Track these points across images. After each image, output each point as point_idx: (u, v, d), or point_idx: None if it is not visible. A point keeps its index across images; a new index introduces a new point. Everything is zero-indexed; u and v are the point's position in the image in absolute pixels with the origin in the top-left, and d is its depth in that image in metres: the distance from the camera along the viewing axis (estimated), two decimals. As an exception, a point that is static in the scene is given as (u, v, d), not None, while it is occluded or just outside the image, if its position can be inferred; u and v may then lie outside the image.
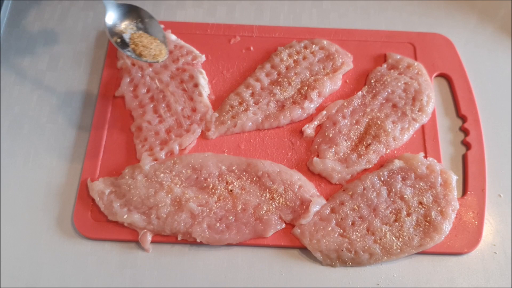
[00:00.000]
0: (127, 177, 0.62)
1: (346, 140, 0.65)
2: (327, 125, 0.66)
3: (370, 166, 0.64)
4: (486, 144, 0.66)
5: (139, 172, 0.62)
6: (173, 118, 0.66)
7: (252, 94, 0.68)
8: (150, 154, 0.63)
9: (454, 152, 0.66)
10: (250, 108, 0.67)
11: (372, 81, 0.70)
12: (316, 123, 0.67)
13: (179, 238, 0.59)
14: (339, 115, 0.67)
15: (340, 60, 0.71)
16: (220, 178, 0.62)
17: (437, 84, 0.72)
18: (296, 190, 0.61)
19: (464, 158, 0.65)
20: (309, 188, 0.61)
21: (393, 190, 0.61)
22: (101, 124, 0.66)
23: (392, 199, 0.60)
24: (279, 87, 0.68)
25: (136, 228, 0.59)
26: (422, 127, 0.67)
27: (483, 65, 0.74)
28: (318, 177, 0.64)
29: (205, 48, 0.73)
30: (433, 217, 0.59)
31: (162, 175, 0.61)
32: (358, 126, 0.66)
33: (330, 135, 0.65)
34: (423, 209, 0.60)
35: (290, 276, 0.58)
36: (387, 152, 0.65)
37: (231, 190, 0.61)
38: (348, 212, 0.60)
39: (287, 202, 0.60)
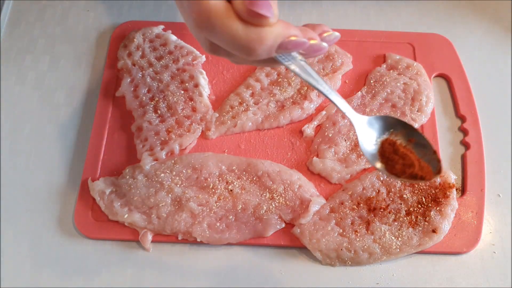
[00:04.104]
0: (127, 176, 0.62)
1: (345, 140, 0.65)
2: (327, 125, 0.67)
3: (370, 166, 0.64)
4: (485, 144, 0.66)
5: (140, 172, 0.62)
6: (174, 118, 0.66)
7: (252, 94, 0.68)
8: (151, 154, 0.63)
9: (453, 152, 0.66)
10: (250, 108, 0.67)
11: (372, 81, 0.70)
12: (315, 123, 0.67)
13: (180, 237, 0.59)
14: (338, 115, 0.67)
15: (340, 60, 0.71)
16: (220, 178, 0.62)
17: (436, 84, 0.72)
18: (296, 189, 0.61)
19: (463, 158, 0.65)
20: (309, 188, 0.62)
21: (392, 189, 0.61)
22: (102, 124, 0.66)
23: (391, 198, 0.61)
24: (279, 87, 0.69)
25: (137, 228, 0.59)
26: (421, 127, 0.67)
27: (482, 65, 0.74)
28: (318, 177, 0.64)
29: (205, 48, 0.73)
30: (432, 216, 0.59)
31: (162, 175, 0.62)
32: (358, 126, 0.66)
33: (330, 135, 0.65)
34: (422, 208, 0.60)
35: (290, 275, 0.58)
36: (387, 152, 0.65)
37: (231, 190, 0.61)
38: (348, 211, 0.60)
39: (287, 202, 0.60)
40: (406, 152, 0.49)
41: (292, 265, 0.59)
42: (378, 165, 0.49)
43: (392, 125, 0.51)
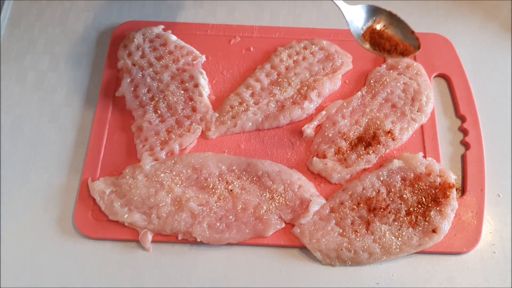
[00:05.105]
0: (127, 176, 0.62)
1: (345, 140, 0.65)
2: (327, 125, 0.67)
3: (370, 166, 0.64)
4: (485, 144, 0.66)
5: (140, 172, 0.62)
6: (174, 118, 0.66)
7: (252, 94, 0.68)
8: (151, 154, 0.63)
9: (453, 152, 0.66)
10: (250, 108, 0.67)
11: (372, 81, 0.70)
12: (315, 123, 0.67)
13: (180, 237, 0.59)
14: (338, 115, 0.67)
15: (340, 60, 0.71)
16: (220, 178, 0.62)
17: (436, 84, 0.72)
18: (296, 189, 0.61)
19: (463, 158, 0.65)
20: (309, 188, 0.62)
21: (392, 190, 0.61)
22: (102, 124, 0.66)
23: (391, 198, 0.61)
24: (279, 87, 0.69)
25: (137, 228, 0.59)
26: (421, 127, 0.67)
27: (482, 65, 0.74)
28: (318, 177, 0.64)
29: (206, 48, 0.73)
30: (432, 216, 0.59)
31: (162, 175, 0.62)
32: (358, 126, 0.66)
33: (330, 135, 0.65)
34: (422, 208, 0.60)
35: (290, 275, 0.58)
36: (387, 152, 0.65)
37: (231, 190, 0.61)
38: (348, 211, 0.60)
39: (287, 202, 0.60)
40: (391, 36, 0.61)
41: (292, 265, 0.59)
42: (367, 46, 0.60)
43: (375, 12, 0.62)
